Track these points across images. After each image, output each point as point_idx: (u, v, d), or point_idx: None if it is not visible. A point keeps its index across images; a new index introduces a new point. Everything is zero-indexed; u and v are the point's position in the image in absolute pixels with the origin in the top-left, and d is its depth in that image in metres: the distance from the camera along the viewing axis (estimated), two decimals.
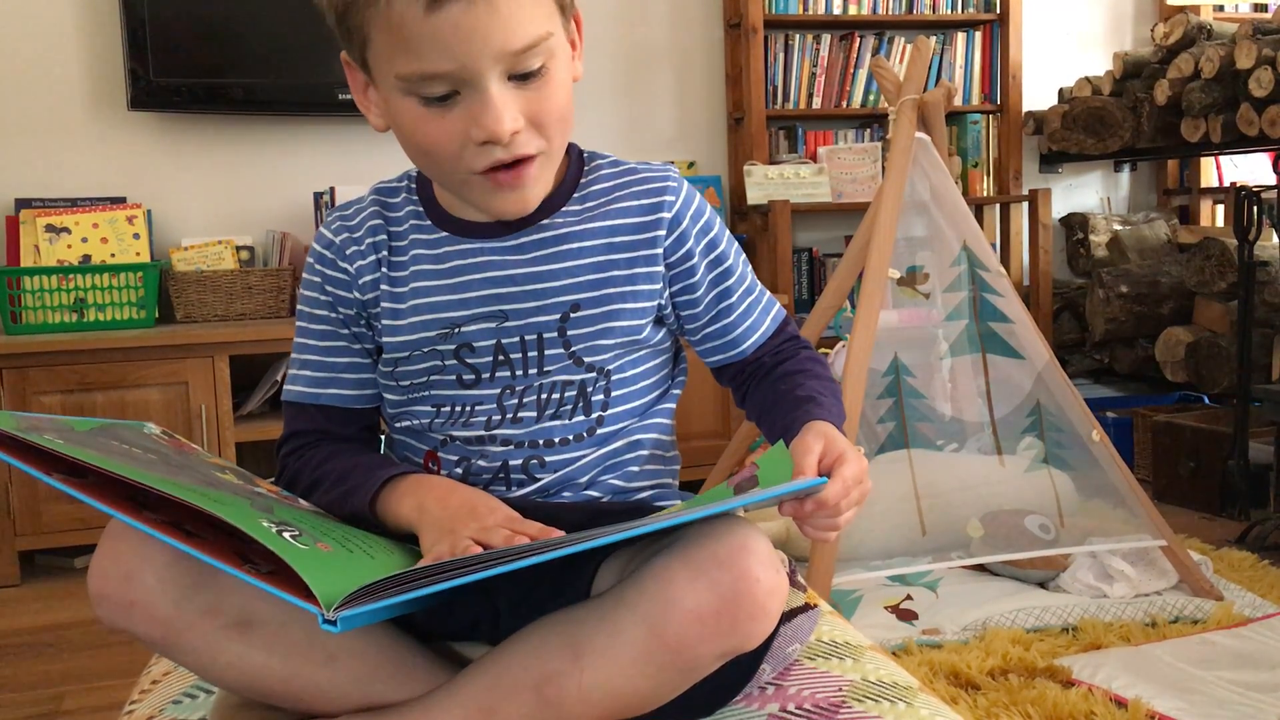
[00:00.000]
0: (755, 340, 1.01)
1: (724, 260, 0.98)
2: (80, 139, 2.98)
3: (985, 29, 3.57)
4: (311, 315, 0.97)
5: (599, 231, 0.93)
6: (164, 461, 0.78)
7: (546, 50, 0.83)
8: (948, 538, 2.19)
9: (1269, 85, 2.84)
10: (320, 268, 0.96)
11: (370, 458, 0.93)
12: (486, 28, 0.79)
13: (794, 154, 3.43)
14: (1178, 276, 3.35)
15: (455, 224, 0.94)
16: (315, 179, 3.10)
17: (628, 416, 0.95)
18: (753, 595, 0.72)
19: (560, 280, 0.92)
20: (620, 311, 0.93)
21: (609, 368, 0.94)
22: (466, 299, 0.92)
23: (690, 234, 0.95)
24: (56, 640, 2.20)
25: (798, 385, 0.96)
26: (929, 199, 2.23)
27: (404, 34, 0.80)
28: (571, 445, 0.93)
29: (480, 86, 0.81)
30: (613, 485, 0.95)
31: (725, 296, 0.99)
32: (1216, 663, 1.84)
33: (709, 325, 0.99)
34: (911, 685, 0.90)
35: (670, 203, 0.94)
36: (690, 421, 2.94)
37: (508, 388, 0.93)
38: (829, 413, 0.91)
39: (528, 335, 0.92)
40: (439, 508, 0.82)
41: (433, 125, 0.83)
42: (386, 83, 0.84)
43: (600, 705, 0.74)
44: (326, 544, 0.74)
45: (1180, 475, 2.92)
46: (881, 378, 2.20)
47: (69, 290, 2.73)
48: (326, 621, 0.66)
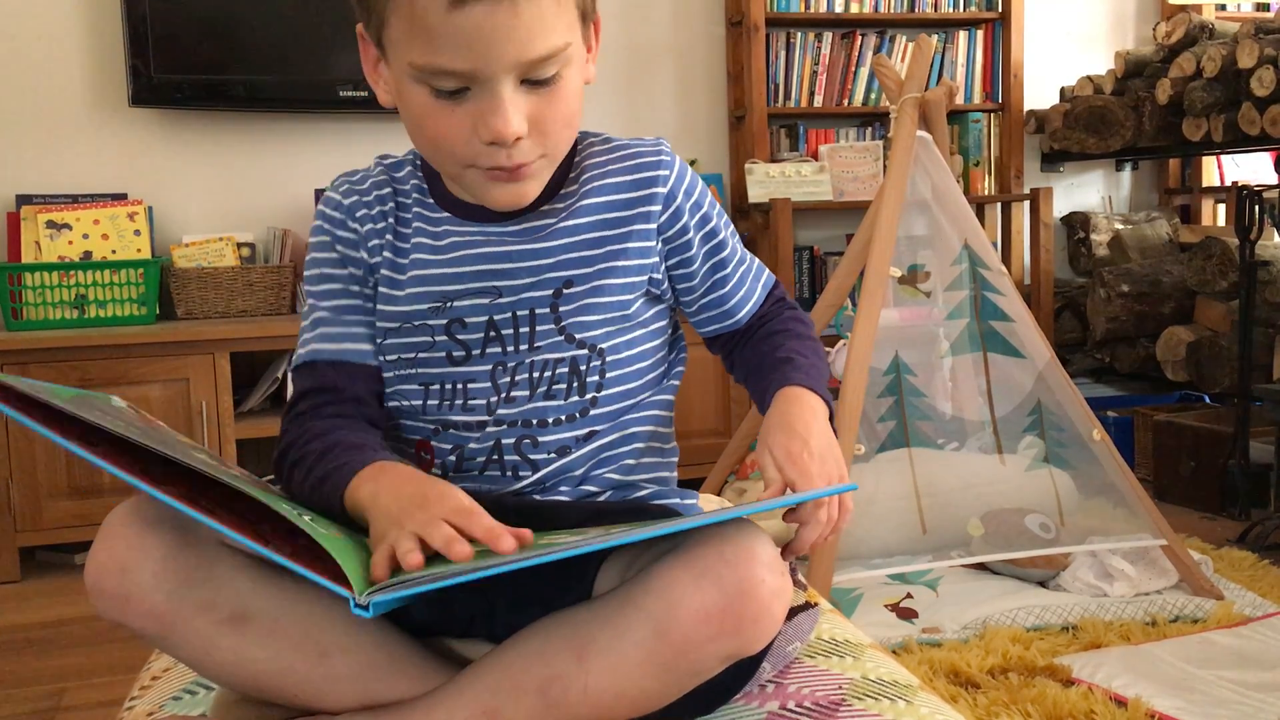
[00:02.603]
0: (749, 308, 1.02)
1: (717, 232, 0.99)
2: (81, 135, 2.98)
3: (987, 28, 3.56)
4: (321, 276, 0.96)
5: (593, 208, 0.93)
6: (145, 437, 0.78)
7: (563, 59, 0.83)
8: (948, 536, 2.19)
9: (1271, 84, 2.84)
10: (329, 228, 0.96)
11: (352, 438, 0.88)
12: (507, 32, 0.79)
13: (795, 152, 3.43)
14: (1179, 276, 3.34)
15: (457, 206, 0.94)
16: (316, 176, 3.10)
17: (622, 399, 0.95)
18: (758, 597, 0.72)
19: (555, 257, 0.92)
20: (609, 286, 0.93)
21: (601, 345, 0.94)
22: (461, 273, 0.93)
23: (685, 208, 0.96)
24: (57, 636, 2.20)
25: (777, 346, 0.97)
26: (930, 197, 2.23)
27: (424, 25, 0.79)
28: (564, 425, 0.93)
29: (492, 88, 0.81)
30: (610, 479, 0.95)
31: (720, 267, 1.00)
32: (1216, 662, 1.84)
33: (705, 296, 1.01)
34: (912, 683, 0.90)
35: (664, 177, 0.95)
36: (690, 420, 2.94)
37: (499, 364, 0.93)
38: (804, 373, 0.92)
39: (520, 311, 0.93)
40: (390, 497, 0.78)
41: (441, 117, 0.83)
42: (399, 67, 0.84)
43: (604, 706, 0.74)
44: (337, 532, 0.75)
45: (1181, 475, 2.92)
46: (882, 376, 2.20)
47: (70, 286, 2.73)
48: (358, 606, 0.67)
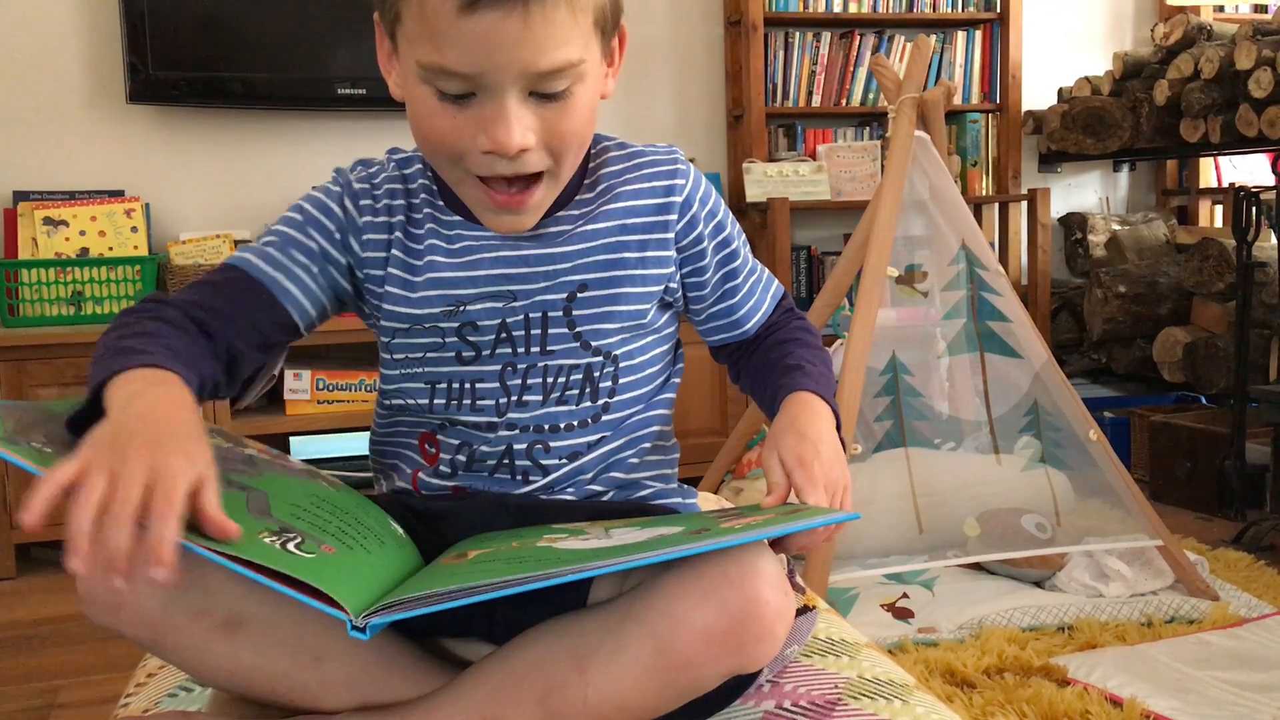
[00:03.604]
0: (758, 319, 1.02)
1: (730, 242, 0.99)
2: (79, 132, 2.98)
3: (985, 28, 3.56)
4: (291, 220, 0.93)
5: (612, 214, 0.93)
6: None
7: (574, 75, 0.81)
8: (944, 536, 2.19)
9: (1268, 86, 2.84)
10: (323, 198, 0.93)
11: (176, 342, 0.80)
12: (516, 42, 0.78)
13: (793, 152, 3.43)
14: (1176, 277, 3.35)
15: (467, 210, 0.92)
16: (314, 174, 3.06)
17: (634, 404, 0.95)
18: (761, 618, 0.71)
19: (571, 262, 0.91)
20: (627, 295, 0.93)
21: (616, 352, 0.94)
22: (475, 277, 0.91)
23: (700, 216, 0.96)
24: (52, 634, 2.20)
25: (786, 354, 0.97)
26: (928, 198, 2.23)
27: (433, 26, 0.78)
28: (577, 431, 0.93)
29: (498, 96, 0.80)
30: (615, 479, 0.95)
31: (732, 277, 0.99)
32: (1212, 662, 1.85)
33: (715, 305, 1.00)
34: (908, 683, 0.90)
35: (681, 186, 0.94)
36: (688, 419, 2.94)
37: (508, 365, 0.92)
38: (815, 381, 0.92)
39: (532, 314, 0.92)
40: (121, 421, 0.69)
41: (444, 119, 0.82)
42: (408, 64, 0.83)
43: (603, 716, 0.74)
44: (329, 544, 0.74)
45: (1177, 475, 2.92)
46: (879, 376, 2.20)
47: (66, 283, 2.73)
48: (355, 629, 0.66)
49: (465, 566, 0.75)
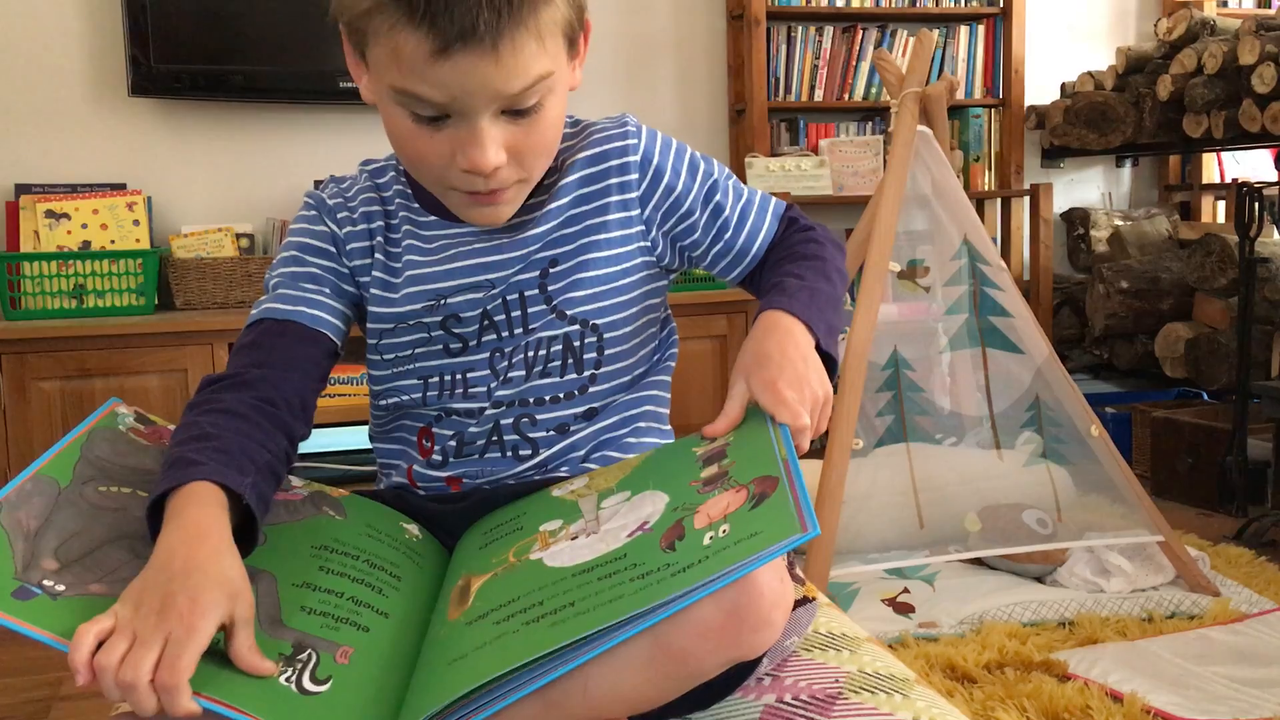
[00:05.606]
0: (762, 242, 1.01)
1: (710, 175, 1.00)
2: (81, 125, 2.97)
3: (988, 23, 3.56)
4: (285, 259, 0.97)
5: (568, 187, 0.95)
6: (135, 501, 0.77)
7: (544, 88, 0.84)
8: (945, 531, 2.19)
9: (1272, 81, 2.84)
10: (306, 225, 0.98)
11: (207, 447, 0.80)
12: (487, 75, 0.80)
13: (795, 146, 3.43)
14: (1178, 272, 3.34)
15: (442, 209, 0.95)
16: (315, 167, 3.09)
17: (621, 375, 0.97)
18: (758, 608, 0.71)
19: (541, 240, 0.94)
20: (593, 260, 0.95)
21: (595, 321, 0.95)
22: (453, 270, 0.94)
23: (665, 167, 0.97)
24: None
25: (774, 271, 0.97)
26: (930, 193, 2.23)
27: (406, 65, 0.80)
28: (562, 403, 0.95)
29: (471, 119, 0.82)
30: (611, 459, 0.96)
31: (720, 210, 1.00)
32: (1213, 658, 1.85)
33: (714, 244, 1.00)
34: (908, 677, 0.91)
35: (635, 145, 0.96)
36: (688, 413, 2.94)
37: (496, 350, 0.95)
38: (790, 296, 0.90)
39: (509, 296, 0.94)
40: (151, 569, 0.70)
41: (421, 141, 0.84)
42: (380, 84, 0.84)
43: (602, 708, 0.75)
44: (346, 643, 0.73)
45: (1178, 471, 2.92)
46: (880, 371, 2.20)
47: (68, 276, 2.72)
48: None
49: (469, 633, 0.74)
